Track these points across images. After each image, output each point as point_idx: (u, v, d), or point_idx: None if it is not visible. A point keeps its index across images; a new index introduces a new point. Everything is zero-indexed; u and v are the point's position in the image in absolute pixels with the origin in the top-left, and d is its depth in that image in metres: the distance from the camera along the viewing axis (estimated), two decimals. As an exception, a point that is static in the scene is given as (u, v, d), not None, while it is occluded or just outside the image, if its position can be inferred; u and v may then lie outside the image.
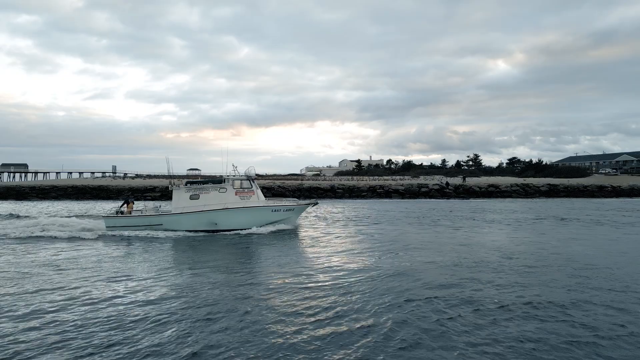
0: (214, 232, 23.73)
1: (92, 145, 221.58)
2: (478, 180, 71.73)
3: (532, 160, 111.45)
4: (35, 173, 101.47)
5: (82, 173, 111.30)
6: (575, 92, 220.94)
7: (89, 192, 55.20)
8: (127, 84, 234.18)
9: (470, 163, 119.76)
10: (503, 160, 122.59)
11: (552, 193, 59.47)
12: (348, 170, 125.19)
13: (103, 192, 54.95)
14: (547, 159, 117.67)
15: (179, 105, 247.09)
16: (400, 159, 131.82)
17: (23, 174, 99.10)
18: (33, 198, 52.08)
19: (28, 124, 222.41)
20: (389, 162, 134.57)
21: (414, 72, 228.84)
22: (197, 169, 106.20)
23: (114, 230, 23.29)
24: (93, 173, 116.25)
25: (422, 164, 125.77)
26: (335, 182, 70.35)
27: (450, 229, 24.67)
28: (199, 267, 14.75)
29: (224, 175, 25.53)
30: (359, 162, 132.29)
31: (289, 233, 23.57)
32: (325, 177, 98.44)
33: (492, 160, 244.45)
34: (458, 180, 69.18)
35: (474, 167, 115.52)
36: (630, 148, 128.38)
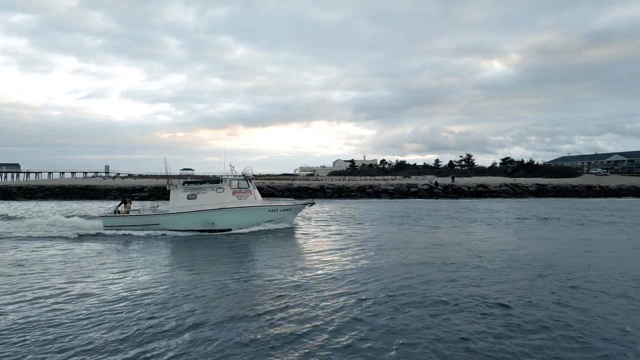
0: (211, 231, 23.91)
1: (87, 145, 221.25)
2: (468, 180, 71.96)
3: (523, 160, 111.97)
4: (27, 173, 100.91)
5: (74, 173, 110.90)
6: (571, 92, 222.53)
7: (77, 192, 54.93)
8: (122, 84, 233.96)
9: (463, 163, 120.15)
10: (497, 161, 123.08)
11: (540, 193, 59.77)
12: (342, 170, 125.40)
13: (91, 192, 54.70)
14: (541, 159, 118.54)
15: (175, 105, 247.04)
16: (395, 159, 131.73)
17: (15, 174, 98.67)
18: (20, 198, 51.81)
19: (24, 124, 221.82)
20: (383, 162, 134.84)
21: (410, 72, 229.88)
22: (190, 169, 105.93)
23: (112, 230, 23.43)
24: (85, 173, 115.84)
25: (415, 164, 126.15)
26: (326, 182, 70.40)
27: (430, 229, 24.77)
28: (194, 265, 14.88)
29: (222, 175, 25.78)
30: (353, 162, 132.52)
31: (287, 233, 23.76)
32: (319, 177, 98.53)
33: (487, 160, 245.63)
34: (448, 180, 69.37)
35: (467, 167, 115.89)
36: (625, 148, 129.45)
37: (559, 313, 9.45)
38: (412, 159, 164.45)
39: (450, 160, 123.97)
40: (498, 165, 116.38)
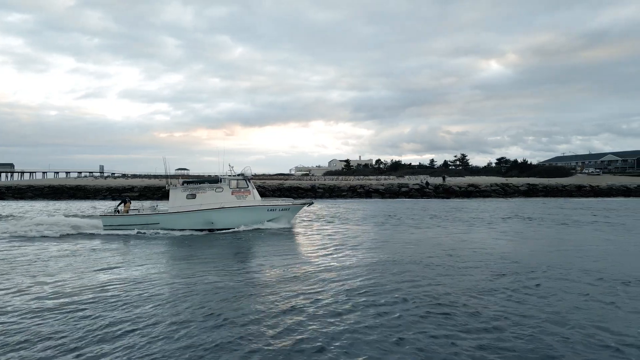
0: (210, 231, 24.11)
1: (84, 145, 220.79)
2: (460, 180, 72.07)
3: (517, 160, 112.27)
4: (22, 173, 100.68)
5: (68, 172, 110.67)
6: (568, 92, 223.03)
7: (66, 191, 54.75)
8: (120, 84, 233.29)
9: (458, 163, 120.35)
10: (492, 160, 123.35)
11: (531, 193, 59.94)
12: (337, 170, 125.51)
13: (80, 192, 54.55)
14: (537, 159, 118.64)
15: (173, 105, 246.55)
16: (391, 159, 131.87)
17: (9, 174, 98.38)
18: (9, 198, 51.68)
19: (20, 124, 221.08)
20: (378, 162, 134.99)
21: (408, 72, 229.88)
22: (185, 169, 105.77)
23: (112, 229, 23.58)
24: (80, 173, 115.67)
25: (410, 164, 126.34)
26: (318, 181, 70.45)
27: (412, 228, 24.83)
28: (191, 264, 15.03)
29: (220, 175, 26.01)
30: (348, 162, 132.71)
31: (285, 232, 23.80)
32: (314, 177, 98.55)
33: (483, 160, 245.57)
34: (440, 180, 69.49)
35: (461, 166, 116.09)
36: (621, 148, 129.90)
37: (511, 310, 9.48)
38: (409, 159, 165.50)
39: (445, 160, 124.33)
40: (493, 165, 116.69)
